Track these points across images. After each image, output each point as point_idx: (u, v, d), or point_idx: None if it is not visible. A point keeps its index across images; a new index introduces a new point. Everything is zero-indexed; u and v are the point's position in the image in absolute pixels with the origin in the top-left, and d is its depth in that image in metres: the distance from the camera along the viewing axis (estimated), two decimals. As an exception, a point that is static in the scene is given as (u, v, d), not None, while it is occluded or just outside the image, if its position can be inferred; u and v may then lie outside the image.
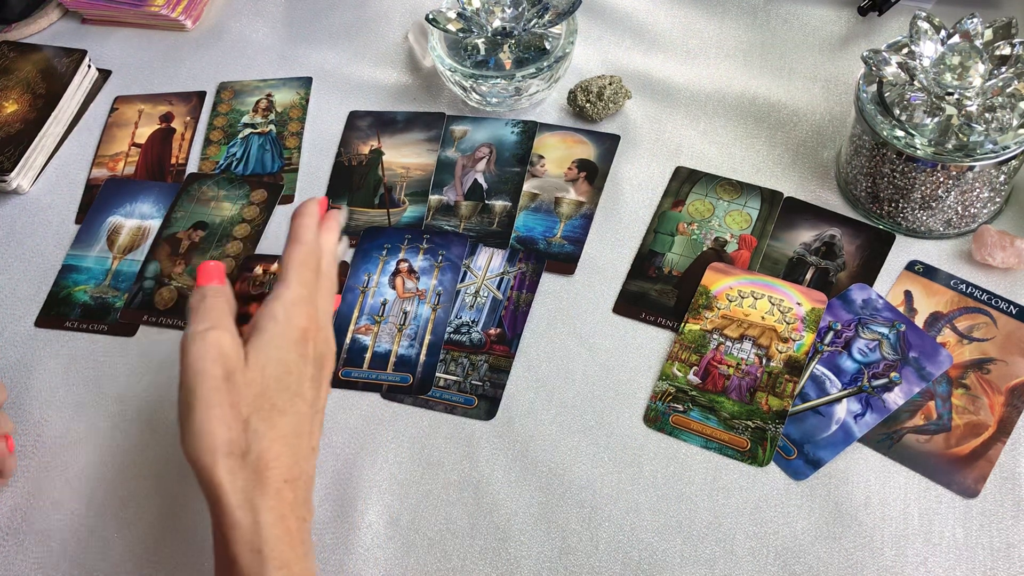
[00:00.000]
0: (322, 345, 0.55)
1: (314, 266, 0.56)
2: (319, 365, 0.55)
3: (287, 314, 0.53)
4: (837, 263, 0.72)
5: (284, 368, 0.52)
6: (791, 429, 0.64)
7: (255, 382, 0.51)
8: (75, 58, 0.92)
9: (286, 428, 0.51)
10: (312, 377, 0.54)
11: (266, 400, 0.51)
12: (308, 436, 0.53)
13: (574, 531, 0.62)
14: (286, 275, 0.55)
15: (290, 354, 0.53)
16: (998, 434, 0.62)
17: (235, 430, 0.50)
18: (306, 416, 0.53)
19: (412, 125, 0.86)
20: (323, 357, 0.55)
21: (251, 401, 0.51)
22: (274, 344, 0.52)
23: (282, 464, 0.50)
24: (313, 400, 0.54)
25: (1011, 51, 0.66)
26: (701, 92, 0.84)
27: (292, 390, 0.52)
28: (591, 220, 0.77)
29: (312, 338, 0.54)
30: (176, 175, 0.85)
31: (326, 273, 0.58)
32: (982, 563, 0.58)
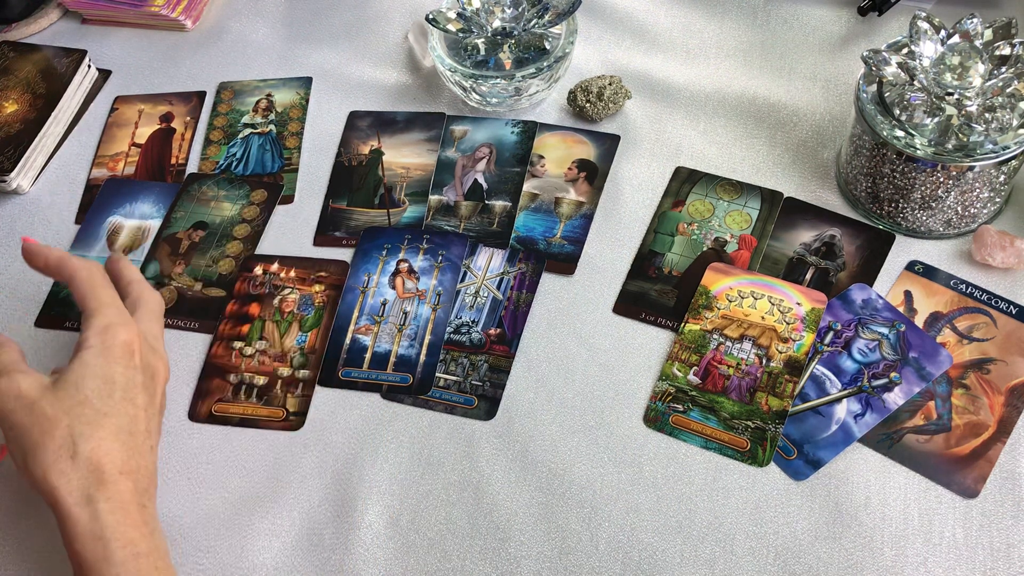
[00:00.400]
0: (148, 356, 0.61)
1: (104, 284, 0.62)
2: (149, 374, 0.60)
3: (101, 337, 0.59)
4: (837, 263, 0.72)
5: (104, 380, 0.57)
6: (791, 429, 0.64)
7: (69, 397, 0.56)
8: (75, 58, 0.92)
9: (114, 427, 0.56)
10: (143, 384, 0.59)
11: (87, 407, 0.56)
12: (145, 434, 0.58)
13: (574, 531, 0.62)
14: (85, 305, 0.61)
15: (113, 367, 0.58)
16: (998, 434, 0.62)
17: (56, 439, 0.55)
18: (139, 417, 0.58)
19: (412, 125, 0.86)
20: (152, 367, 0.61)
21: (69, 411, 0.55)
22: (89, 363, 0.57)
23: (115, 458, 0.55)
24: (147, 404, 0.59)
25: (1011, 51, 0.66)
26: (701, 92, 0.84)
27: (118, 396, 0.57)
28: (591, 220, 0.77)
29: (137, 350, 0.60)
30: (176, 175, 0.85)
31: (142, 300, 0.64)
32: (982, 563, 0.58)
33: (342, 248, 0.78)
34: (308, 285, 0.75)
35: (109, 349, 0.58)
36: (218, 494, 0.65)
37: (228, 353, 0.72)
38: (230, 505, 0.65)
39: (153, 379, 0.61)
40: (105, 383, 0.57)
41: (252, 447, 0.67)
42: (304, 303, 0.74)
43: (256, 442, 0.68)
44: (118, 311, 0.61)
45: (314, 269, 0.76)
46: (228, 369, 0.71)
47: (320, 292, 0.75)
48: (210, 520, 0.64)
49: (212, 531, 0.64)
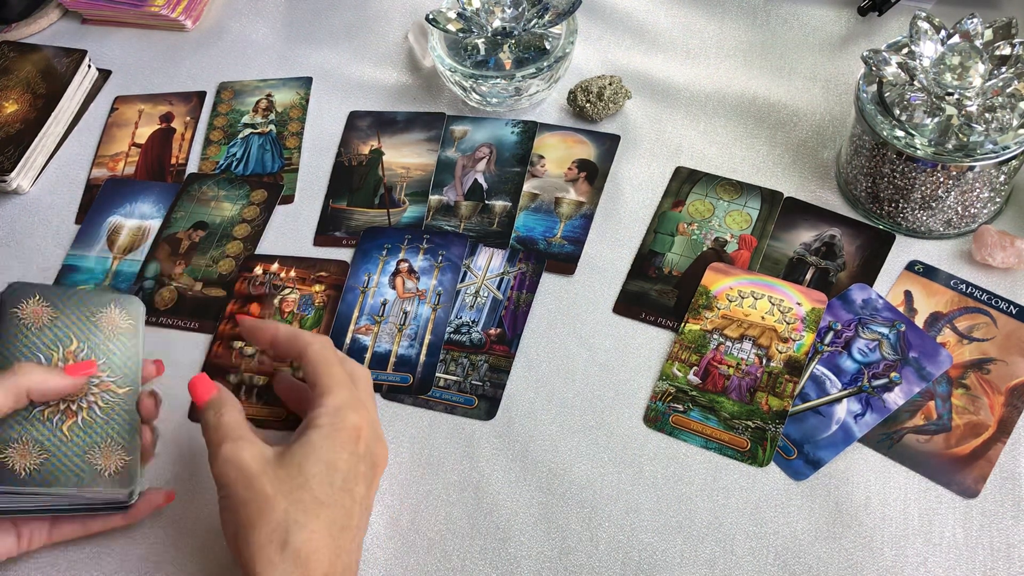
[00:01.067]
0: (373, 443, 0.57)
1: (338, 361, 0.59)
2: (371, 463, 0.56)
3: (331, 418, 0.55)
4: (837, 263, 0.72)
5: (329, 465, 0.54)
6: (791, 429, 0.64)
7: (291, 478, 0.53)
8: (75, 58, 0.92)
9: (328, 520, 0.52)
10: (364, 474, 0.55)
11: (307, 493, 0.52)
12: (354, 531, 0.54)
13: (574, 531, 0.62)
14: (317, 381, 0.57)
15: (340, 452, 0.54)
16: (998, 434, 0.62)
17: (271, 522, 0.51)
18: (354, 511, 0.54)
19: (412, 125, 0.86)
20: (375, 456, 0.57)
21: (288, 494, 0.52)
22: (316, 445, 0.54)
23: (322, 558, 0.51)
24: (363, 496, 0.55)
25: (1011, 51, 0.66)
26: (701, 92, 0.84)
27: (338, 485, 0.53)
28: (591, 220, 0.77)
29: (364, 437, 0.56)
30: (176, 175, 0.85)
31: (356, 375, 0.60)
32: (982, 563, 0.58)
33: (342, 248, 0.78)
34: (308, 285, 0.76)
35: (337, 432, 0.55)
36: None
37: (228, 353, 0.72)
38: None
39: (373, 468, 0.57)
40: (328, 468, 0.53)
41: (252, 447, 0.67)
42: (304, 303, 0.74)
43: (256, 442, 0.68)
44: (350, 393, 0.57)
45: (314, 269, 0.76)
46: (228, 369, 0.71)
47: (320, 292, 0.75)
48: (210, 520, 0.64)
49: (212, 531, 0.64)
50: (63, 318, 0.61)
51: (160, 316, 0.75)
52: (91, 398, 0.60)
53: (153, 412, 0.63)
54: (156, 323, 0.75)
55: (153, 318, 0.75)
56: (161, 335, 0.74)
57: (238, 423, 0.56)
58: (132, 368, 0.62)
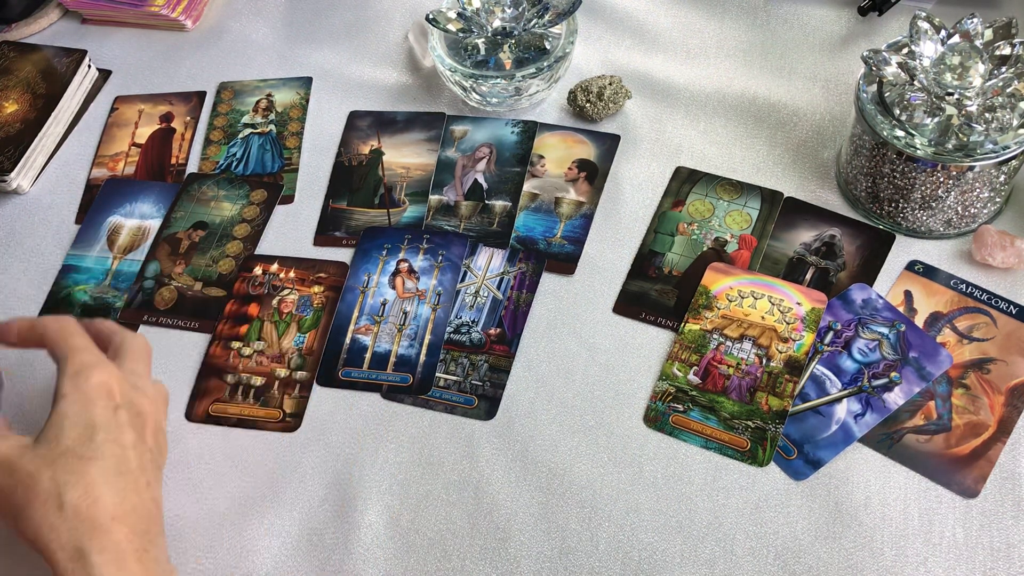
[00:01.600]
0: (130, 394, 0.58)
1: (76, 332, 0.60)
2: (134, 412, 0.57)
3: (74, 382, 0.56)
4: (837, 263, 0.72)
5: (85, 426, 0.55)
6: (791, 429, 0.64)
7: (49, 450, 0.54)
8: (75, 58, 0.92)
9: (100, 471, 0.53)
10: (128, 422, 0.56)
11: (70, 456, 0.53)
12: (138, 471, 0.55)
13: (574, 531, 0.62)
14: (56, 354, 0.58)
15: (91, 411, 0.55)
16: (998, 434, 0.62)
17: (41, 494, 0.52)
18: (127, 457, 0.55)
19: (412, 125, 0.86)
20: (135, 404, 0.58)
21: (52, 463, 0.53)
22: (66, 413, 0.55)
23: (106, 503, 0.52)
24: (135, 441, 0.56)
25: (1011, 51, 0.66)
26: (701, 92, 0.84)
27: (100, 439, 0.54)
28: (591, 220, 0.77)
29: (117, 389, 0.57)
30: (176, 175, 0.85)
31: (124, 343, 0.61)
32: (982, 563, 0.58)
33: (342, 248, 0.78)
34: (307, 286, 0.75)
35: (84, 393, 0.56)
36: (217, 494, 0.65)
37: (226, 353, 0.72)
38: (230, 505, 0.65)
39: (139, 416, 0.58)
40: (85, 428, 0.54)
41: (251, 447, 0.67)
42: (303, 304, 0.74)
43: (255, 442, 0.68)
44: (90, 353, 0.58)
45: (313, 270, 0.76)
46: (226, 369, 0.71)
47: (319, 293, 0.75)
48: (210, 520, 0.64)
49: (212, 531, 0.64)
50: None
51: (160, 316, 0.75)
52: None
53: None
54: (156, 323, 0.75)
55: (153, 318, 0.75)
56: (161, 335, 0.74)
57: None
58: None
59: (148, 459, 0.57)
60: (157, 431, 0.59)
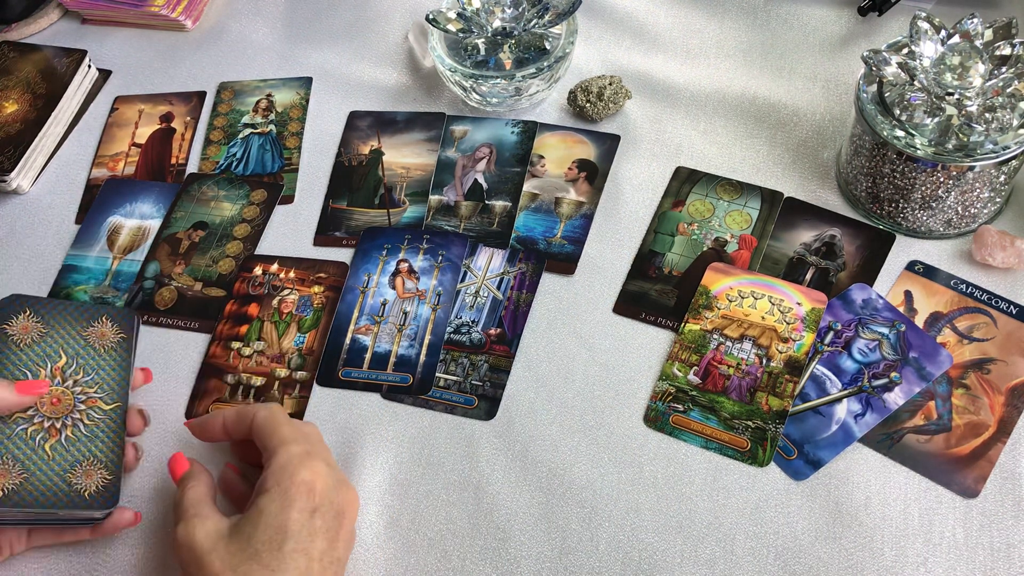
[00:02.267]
0: (332, 493, 0.56)
1: (286, 421, 0.58)
2: (332, 514, 0.55)
3: (278, 478, 0.55)
4: (837, 263, 0.72)
5: (279, 528, 0.53)
6: (791, 429, 0.64)
7: (240, 551, 0.52)
8: (75, 58, 0.92)
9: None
10: (322, 529, 0.54)
11: (255, 563, 0.52)
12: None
13: (574, 531, 0.62)
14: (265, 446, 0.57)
15: (289, 513, 0.53)
16: (998, 434, 0.62)
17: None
18: (311, 570, 0.53)
19: (412, 125, 0.86)
20: (337, 505, 0.56)
21: (235, 568, 0.52)
22: (264, 510, 0.54)
23: None
24: (324, 552, 0.54)
25: (1011, 51, 0.66)
26: (701, 92, 0.84)
27: (290, 547, 0.52)
28: (591, 220, 0.77)
29: (319, 490, 0.55)
30: (176, 175, 0.85)
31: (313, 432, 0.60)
32: (982, 563, 0.58)
33: (342, 248, 0.78)
34: (307, 286, 0.76)
35: (285, 492, 0.54)
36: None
37: (226, 353, 0.72)
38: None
39: (338, 518, 0.55)
40: (277, 532, 0.53)
41: (252, 447, 0.67)
42: (303, 304, 0.74)
43: (256, 442, 0.68)
44: (300, 448, 0.56)
45: (313, 270, 0.76)
46: (226, 369, 0.71)
47: (319, 293, 0.75)
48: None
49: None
50: (53, 333, 0.61)
51: (160, 316, 0.75)
52: (76, 415, 0.59)
53: (140, 429, 0.63)
54: (156, 323, 0.75)
55: (153, 318, 0.75)
56: (161, 335, 0.74)
57: (198, 499, 0.56)
58: (121, 383, 0.62)
59: (332, 571, 0.54)
60: (351, 534, 0.57)
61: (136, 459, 0.65)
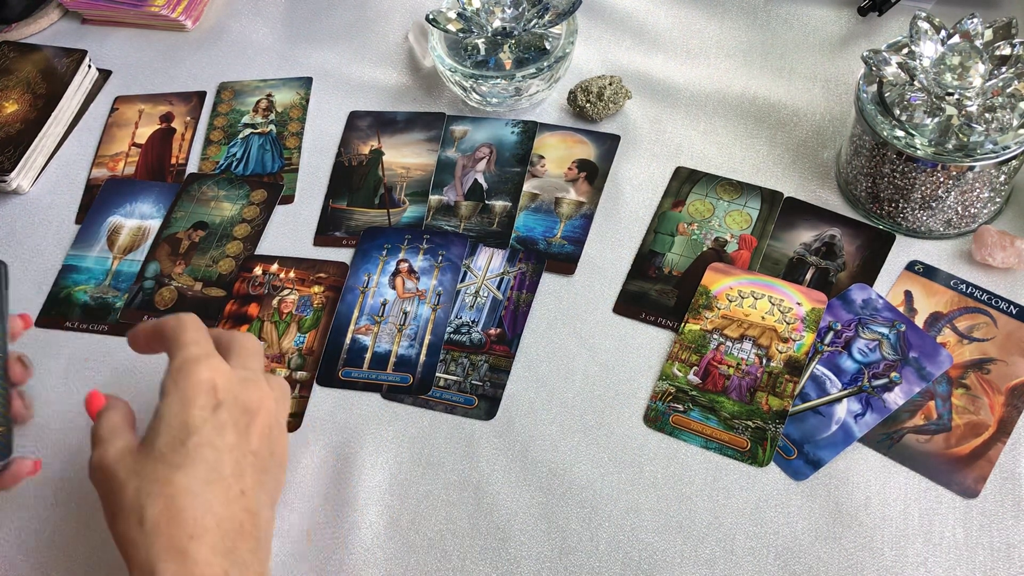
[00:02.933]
0: (238, 389, 0.54)
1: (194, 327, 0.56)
2: (240, 410, 0.53)
3: (175, 380, 0.53)
4: (837, 263, 0.72)
5: (180, 427, 0.51)
6: (791, 429, 0.64)
7: (144, 455, 0.51)
8: (75, 58, 0.92)
9: (186, 480, 0.50)
10: (230, 423, 0.52)
11: (160, 463, 0.50)
12: (232, 478, 0.51)
13: (574, 531, 0.62)
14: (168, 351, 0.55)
15: (190, 410, 0.52)
16: (998, 434, 0.62)
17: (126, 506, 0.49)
18: (222, 461, 0.51)
19: (412, 125, 0.86)
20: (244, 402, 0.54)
21: (139, 472, 0.50)
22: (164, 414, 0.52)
23: (187, 517, 0.49)
24: (235, 444, 0.52)
25: (1011, 51, 0.66)
26: (701, 92, 0.84)
27: (192, 443, 0.51)
28: (591, 220, 0.77)
29: (221, 385, 0.53)
30: (176, 175, 0.85)
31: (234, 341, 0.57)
32: (982, 563, 0.58)
33: (342, 248, 0.78)
34: (307, 286, 0.76)
35: (183, 392, 0.52)
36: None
37: (228, 353, 0.72)
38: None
39: (247, 413, 0.53)
40: (180, 431, 0.51)
41: (252, 447, 0.67)
42: (303, 304, 0.74)
43: (256, 442, 0.68)
44: (199, 347, 0.54)
45: (313, 270, 0.76)
46: (228, 369, 0.71)
47: (319, 294, 0.75)
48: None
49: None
50: None
51: (160, 316, 0.75)
52: None
53: (23, 377, 0.61)
54: (156, 323, 0.75)
55: (153, 318, 0.75)
56: (161, 335, 0.74)
57: (112, 425, 0.54)
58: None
59: (248, 463, 0.52)
60: (268, 429, 0.54)
61: (25, 408, 0.62)
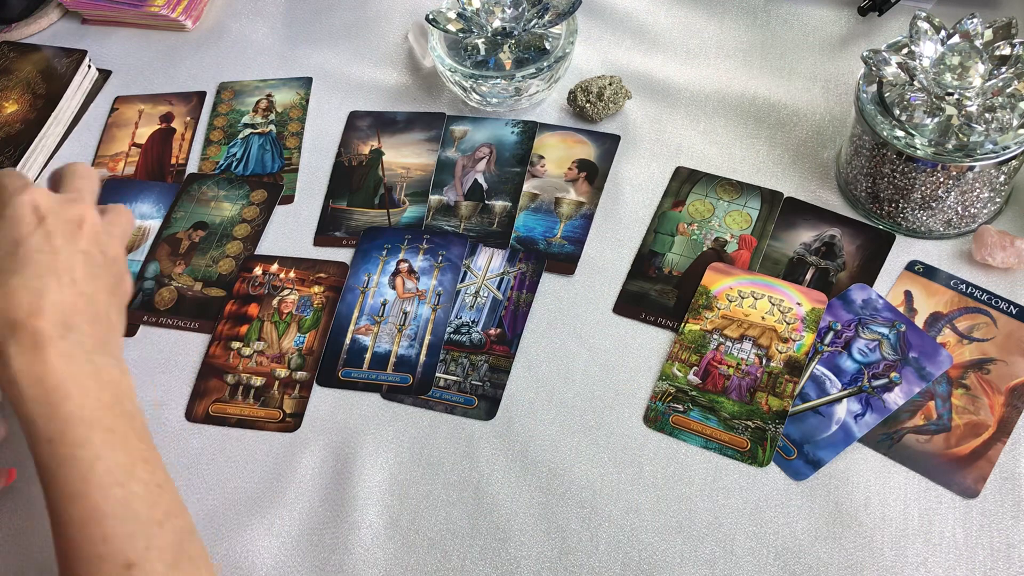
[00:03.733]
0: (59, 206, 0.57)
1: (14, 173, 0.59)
2: (63, 219, 0.57)
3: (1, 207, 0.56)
4: (837, 263, 0.72)
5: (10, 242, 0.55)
6: (791, 429, 0.64)
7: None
8: (75, 58, 0.92)
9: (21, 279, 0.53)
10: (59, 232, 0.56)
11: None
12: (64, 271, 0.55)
13: (574, 531, 0.62)
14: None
15: (16, 227, 0.55)
16: (998, 434, 0.62)
17: None
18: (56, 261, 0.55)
19: (412, 125, 0.86)
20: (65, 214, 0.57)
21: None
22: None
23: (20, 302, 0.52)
24: (63, 245, 0.56)
25: (1011, 51, 0.66)
26: (701, 92, 0.84)
27: (23, 249, 0.54)
28: (591, 220, 0.77)
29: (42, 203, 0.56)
30: (176, 175, 0.85)
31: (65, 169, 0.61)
32: (982, 563, 0.58)
33: (342, 248, 0.78)
34: (307, 286, 0.76)
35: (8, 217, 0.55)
36: (218, 494, 0.65)
37: (226, 353, 0.72)
38: (230, 505, 0.65)
39: (71, 222, 0.57)
40: (11, 245, 0.55)
41: (252, 447, 0.67)
42: (303, 304, 0.74)
43: (256, 442, 0.68)
44: (19, 179, 0.57)
45: (313, 270, 0.76)
46: (226, 369, 0.71)
47: (319, 294, 0.75)
48: (210, 520, 0.64)
49: (212, 531, 0.64)
50: None
51: (160, 316, 0.75)
52: None
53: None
54: (156, 323, 0.75)
55: (153, 318, 0.75)
56: (161, 335, 0.74)
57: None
58: None
59: (79, 259, 0.56)
60: (95, 235, 0.58)
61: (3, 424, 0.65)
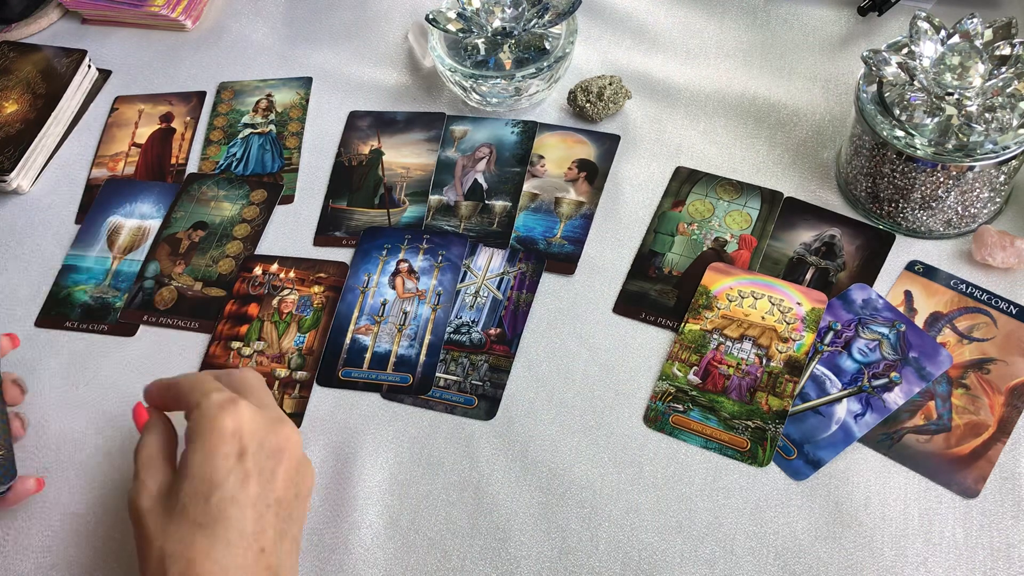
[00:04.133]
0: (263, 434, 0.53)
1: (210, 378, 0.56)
2: (266, 455, 0.53)
3: (199, 429, 0.52)
4: (837, 263, 0.72)
5: (204, 480, 0.51)
6: (791, 429, 0.64)
7: (169, 508, 0.51)
8: (75, 58, 0.92)
9: (208, 542, 0.49)
10: (255, 472, 0.52)
11: (184, 521, 0.50)
12: (252, 537, 0.51)
13: (574, 531, 0.62)
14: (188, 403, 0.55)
15: (214, 462, 0.51)
16: (998, 434, 0.62)
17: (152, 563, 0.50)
18: (244, 519, 0.51)
19: (412, 125, 0.86)
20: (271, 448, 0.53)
21: (164, 529, 0.50)
22: (189, 466, 0.52)
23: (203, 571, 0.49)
24: (258, 496, 0.52)
25: (1011, 51, 0.66)
26: (701, 92, 0.84)
27: (217, 498, 0.50)
28: (591, 220, 0.77)
29: (247, 433, 0.53)
30: (176, 175, 0.85)
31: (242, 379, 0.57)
32: (982, 563, 0.58)
33: (342, 248, 0.78)
34: (307, 286, 0.76)
35: (207, 442, 0.51)
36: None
37: (226, 353, 0.72)
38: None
39: (273, 457, 0.53)
40: (203, 483, 0.50)
41: (252, 447, 0.67)
42: (303, 304, 0.74)
43: (256, 442, 0.68)
44: (221, 396, 0.53)
45: (313, 270, 0.76)
46: (228, 369, 0.71)
47: (319, 293, 0.75)
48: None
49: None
50: None
51: (160, 316, 0.75)
52: None
53: (19, 399, 0.63)
54: (156, 323, 0.75)
55: (153, 318, 0.75)
56: (161, 335, 0.74)
57: (148, 456, 0.54)
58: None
59: (271, 515, 0.52)
60: (294, 471, 0.54)
61: (23, 427, 0.65)
